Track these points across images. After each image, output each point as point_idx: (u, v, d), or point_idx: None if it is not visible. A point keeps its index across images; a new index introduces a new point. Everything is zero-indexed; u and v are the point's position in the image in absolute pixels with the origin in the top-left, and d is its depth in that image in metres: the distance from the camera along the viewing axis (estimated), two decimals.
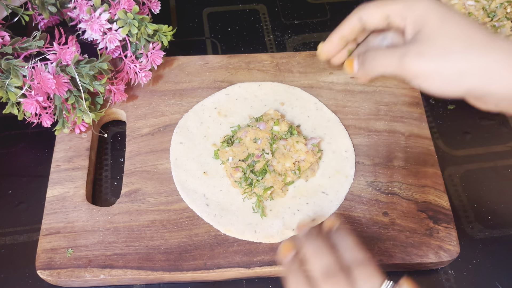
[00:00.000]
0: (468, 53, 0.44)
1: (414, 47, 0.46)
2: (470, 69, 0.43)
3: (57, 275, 0.49)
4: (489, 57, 0.43)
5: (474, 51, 0.44)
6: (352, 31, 0.52)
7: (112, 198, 0.56)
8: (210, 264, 0.50)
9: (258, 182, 0.53)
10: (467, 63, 0.43)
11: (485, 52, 0.43)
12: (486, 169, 0.60)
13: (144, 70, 0.58)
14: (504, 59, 0.42)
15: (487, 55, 0.43)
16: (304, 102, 0.60)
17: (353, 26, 0.52)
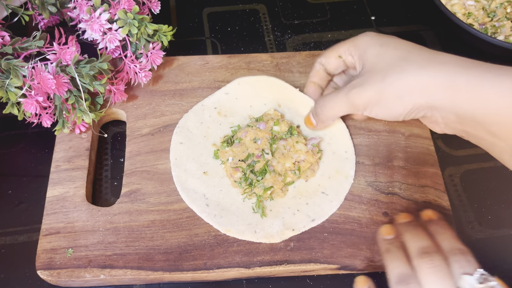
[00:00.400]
0: (404, 74, 0.45)
1: (356, 81, 0.49)
2: (408, 87, 0.44)
3: (57, 275, 0.49)
4: (424, 74, 0.44)
5: (410, 70, 0.45)
6: (319, 76, 0.57)
7: (112, 198, 0.56)
8: (210, 264, 0.50)
9: (258, 182, 0.53)
10: (404, 82, 0.45)
11: (420, 71, 0.44)
12: (486, 169, 0.60)
13: (144, 70, 0.58)
14: (439, 77, 0.43)
15: (422, 72, 0.44)
16: (302, 101, 0.60)
17: (317, 71, 0.57)
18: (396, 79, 0.45)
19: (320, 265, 0.50)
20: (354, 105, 0.48)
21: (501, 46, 0.62)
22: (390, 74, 0.45)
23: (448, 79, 0.42)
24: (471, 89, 0.41)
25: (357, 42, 0.51)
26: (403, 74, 0.45)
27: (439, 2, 0.66)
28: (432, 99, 0.44)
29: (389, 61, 0.46)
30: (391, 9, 0.76)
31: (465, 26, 0.63)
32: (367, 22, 0.74)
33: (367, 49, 0.49)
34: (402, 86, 0.45)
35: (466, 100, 0.42)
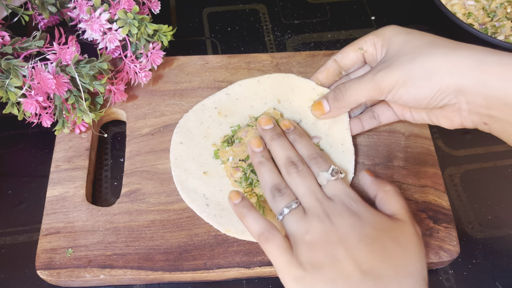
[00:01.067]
0: (433, 55, 0.45)
1: (383, 64, 0.48)
2: (438, 68, 0.45)
3: (57, 275, 0.49)
4: (454, 55, 0.44)
5: (439, 53, 0.45)
6: (328, 74, 0.56)
7: (112, 198, 0.56)
8: (210, 264, 0.50)
9: (258, 182, 0.53)
10: (433, 63, 0.45)
11: (450, 52, 0.45)
12: (486, 169, 0.60)
13: (144, 70, 0.58)
14: (469, 58, 0.44)
15: (452, 54, 0.45)
16: (302, 91, 0.59)
17: (328, 68, 0.56)
18: (426, 59, 0.45)
19: None
20: (380, 88, 0.48)
21: (501, 46, 0.62)
22: (419, 56, 0.46)
23: (478, 60, 0.43)
24: (502, 68, 0.42)
25: (382, 32, 0.51)
26: (432, 55, 0.45)
27: (439, 2, 0.66)
28: (460, 79, 0.44)
29: (418, 45, 0.47)
30: (391, 9, 0.76)
31: (465, 26, 0.63)
32: (367, 22, 0.74)
33: (393, 37, 0.49)
34: (431, 66, 0.45)
35: (496, 79, 0.42)
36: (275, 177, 0.48)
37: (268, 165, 0.49)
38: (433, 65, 0.45)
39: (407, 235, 0.43)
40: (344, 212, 0.44)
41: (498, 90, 0.42)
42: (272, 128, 0.52)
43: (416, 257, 0.42)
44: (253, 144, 0.51)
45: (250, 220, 0.45)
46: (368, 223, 0.43)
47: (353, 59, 0.54)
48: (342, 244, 0.42)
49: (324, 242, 0.42)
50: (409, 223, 0.44)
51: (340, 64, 0.55)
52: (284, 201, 0.46)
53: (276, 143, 0.50)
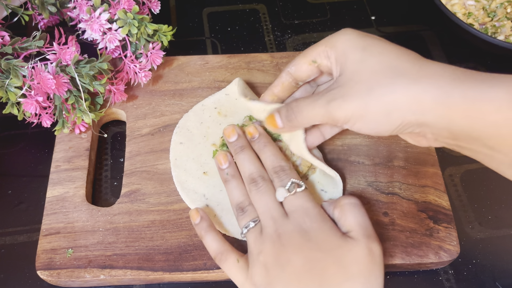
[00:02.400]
0: (393, 87, 0.40)
1: (337, 91, 0.43)
2: (398, 103, 0.40)
3: (57, 275, 0.49)
4: (416, 88, 0.39)
5: (399, 84, 0.40)
6: (283, 87, 0.51)
7: (112, 198, 0.56)
8: (210, 264, 0.50)
9: None
10: (393, 98, 0.40)
11: (412, 84, 0.39)
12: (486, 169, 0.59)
13: (144, 70, 0.58)
14: (433, 91, 0.39)
15: (414, 86, 0.39)
16: (256, 112, 0.55)
17: (283, 82, 0.51)
18: (384, 93, 0.40)
19: None
20: (334, 118, 0.43)
21: (501, 46, 0.62)
22: (376, 87, 0.40)
23: (442, 94, 0.38)
24: (467, 104, 0.38)
25: (334, 43, 0.45)
26: (391, 87, 0.40)
27: (439, 2, 0.66)
28: (423, 117, 0.39)
29: (374, 70, 0.41)
30: (391, 9, 0.76)
31: (465, 26, 0.63)
32: (367, 22, 0.74)
33: (347, 52, 0.44)
34: (390, 102, 0.40)
35: (461, 116, 0.38)
36: (240, 195, 0.49)
37: (233, 182, 0.50)
38: (393, 100, 0.40)
39: (355, 257, 0.42)
40: (294, 233, 0.44)
41: (463, 126, 0.38)
42: (236, 140, 0.52)
43: (361, 280, 0.41)
44: (218, 161, 0.52)
45: (208, 241, 0.48)
46: (316, 244, 0.43)
47: (307, 71, 0.48)
48: (288, 268, 0.42)
49: (274, 264, 0.43)
50: (361, 242, 0.42)
51: (295, 77, 0.50)
52: (245, 220, 0.47)
53: (240, 157, 0.50)
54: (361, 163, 0.57)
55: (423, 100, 0.39)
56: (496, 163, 0.40)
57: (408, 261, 0.50)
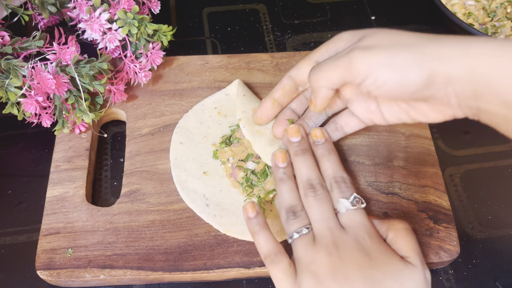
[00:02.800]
0: (420, 41, 0.41)
1: (360, 43, 0.42)
2: (427, 53, 0.40)
3: (57, 275, 0.49)
4: (441, 43, 0.40)
5: (426, 39, 0.41)
6: (284, 92, 0.51)
7: (112, 198, 0.56)
8: (210, 264, 0.50)
9: (259, 182, 0.53)
10: (422, 49, 0.40)
11: (436, 40, 0.40)
12: (486, 169, 0.60)
13: (144, 70, 0.58)
14: (455, 43, 0.40)
15: (439, 42, 0.40)
16: None
17: (283, 86, 0.51)
18: (413, 45, 0.40)
19: None
20: (355, 71, 0.41)
21: None
22: (404, 41, 0.41)
23: (464, 46, 0.39)
24: (486, 53, 0.38)
25: (338, 37, 0.46)
26: (420, 41, 0.40)
27: (439, 2, 0.66)
28: (450, 67, 0.39)
29: (400, 33, 0.42)
30: (391, 9, 0.76)
31: (465, 26, 0.63)
32: (367, 22, 0.74)
33: (356, 35, 0.44)
34: (419, 51, 0.40)
35: (484, 65, 0.39)
36: (293, 198, 0.46)
37: (289, 183, 0.47)
38: (422, 51, 0.40)
39: (415, 284, 0.41)
40: (354, 248, 0.42)
41: (486, 76, 0.39)
42: (299, 142, 0.49)
43: None
44: (278, 158, 0.49)
45: (260, 239, 0.44)
46: (377, 264, 0.41)
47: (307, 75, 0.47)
48: (346, 283, 0.40)
49: (329, 276, 0.41)
50: (420, 269, 0.42)
51: (296, 81, 0.50)
52: (296, 225, 0.45)
53: (300, 160, 0.48)
54: (361, 163, 0.57)
55: (448, 52, 0.39)
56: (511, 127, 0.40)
57: None
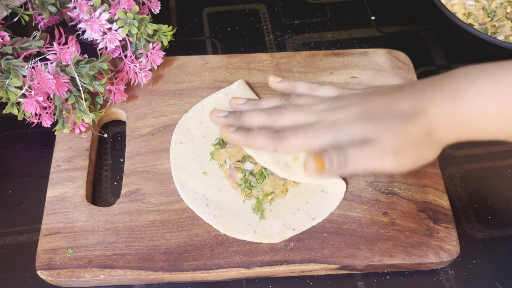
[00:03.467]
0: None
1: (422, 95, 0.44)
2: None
3: (57, 275, 0.49)
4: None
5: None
6: None
7: (112, 198, 0.56)
8: (210, 264, 0.50)
9: (258, 184, 0.53)
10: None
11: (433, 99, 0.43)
12: (486, 169, 0.60)
13: (144, 70, 0.58)
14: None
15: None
16: None
17: None
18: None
19: (320, 265, 0.50)
20: (426, 124, 0.43)
21: (501, 46, 0.62)
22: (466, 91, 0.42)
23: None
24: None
25: None
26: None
27: (439, 2, 0.66)
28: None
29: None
30: (391, 9, 0.76)
31: (465, 26, 0.63)
32: (367, 22, 0.74)
33: None
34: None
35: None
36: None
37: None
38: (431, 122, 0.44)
39: None
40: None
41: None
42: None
43: None
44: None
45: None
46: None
47: None
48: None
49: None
50: None
51: None
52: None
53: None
54: None
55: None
56: None
57: (408, 261, 0.50)
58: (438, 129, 0.42)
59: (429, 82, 0.44)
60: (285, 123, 0.47)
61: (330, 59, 0.64)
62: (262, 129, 0.48)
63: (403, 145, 0.42)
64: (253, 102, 0.52)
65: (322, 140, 0.45)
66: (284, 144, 0.46)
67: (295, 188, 0.54)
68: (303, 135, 0.45)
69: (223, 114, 0.51)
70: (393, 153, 0.42)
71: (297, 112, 0.47)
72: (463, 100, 0.41)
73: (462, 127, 0.42)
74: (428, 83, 0.44)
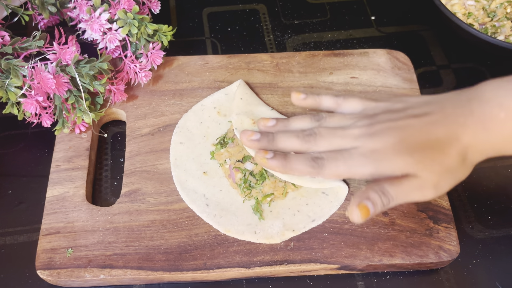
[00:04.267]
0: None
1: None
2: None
3: (57, 275, 0.49)
4: None
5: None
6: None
7: (112, 198, 0.56)
8: (210, 264, 0.50)
9: (257, 185, 0.53)
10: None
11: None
12: (486, 169, 0.60)
13: (144, 70, 0.58)
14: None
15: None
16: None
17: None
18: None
19: (320, 265, 0.50)
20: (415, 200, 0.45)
21: (501, 46, 0.62)
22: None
23: None
24: None
25: None
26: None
27: (439, 2, 0.66)
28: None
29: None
30: (391, 9, 0.76)
31: (465, 26, 0.63)
32: (367, 22, 0.74)
33: None
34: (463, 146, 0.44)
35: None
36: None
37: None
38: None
39: None
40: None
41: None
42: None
43: None
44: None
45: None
46: None
47: None
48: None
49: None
50: None
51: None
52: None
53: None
54: None
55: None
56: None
57: (408, 261, 0.50)
58: (471, 154, 0.44)
59: (458, 102, 0.45)
60: (321, 149, 0.47)
61: (330, 59, 0.64)
62: (300, 156, 0.47)
63: (442, 177, 0.44)
64: (283, 124, 0.51)
65: (363, 171, 0.45)
66: (324, 172, 0.46)
67: (296, 190, 0.54)
68: (343, 164, 0.45)
69: (256, 138, 0.49)
70: (433, 186, 0.44)
71: (332, 138, 0.47)
72: (493, 128, 0.43)
73: (493, 149, 0.44)
74: (457, 104, 0.45)
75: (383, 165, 0.44)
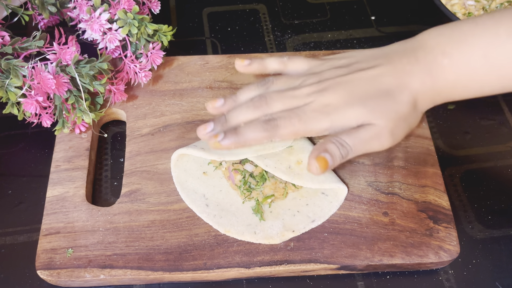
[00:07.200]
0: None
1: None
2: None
3: (57, 275, 0.49)
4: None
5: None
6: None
7: (112, 198, 0.56)
8: (210, 264, 0.50)
9: (258, 186, 0.53)
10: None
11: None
12: (486, 169, 0.60)
13: (144, 70, 0.58)
14: None
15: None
16: None
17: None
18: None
19: (320, 265, 0.50)
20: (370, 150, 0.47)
21: None
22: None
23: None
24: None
25: None
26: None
27: (439, 2, 0.66)
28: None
29: None
30: (391, 9, 0.76)
31: None
32: (367, 22, 0.74)
33: None
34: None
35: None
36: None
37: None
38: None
39: None
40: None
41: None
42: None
43: None
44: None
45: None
46: None
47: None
48: None
49: None
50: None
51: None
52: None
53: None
54: (361, 163, 0.57)
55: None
56: None
57: (408, 261, 0.50)
58: (421, 101, 0.46)
59: (403, 53, 0.47)
60: (274, 111, 0.46)
61: None
62: (251, 123, 0.45)
63: (397, 123, 0.45)
64: (232, 99, 0.49)
65: (319, 126, 0.45)
66: (280, 133, 0.45)
67: (296, 190, 0.54)
68: (298, 121, 0.45)
69: (210, 128, 0.47)
70: (389, 133, 0.45)
71: (283, 98, 0.46)
72: (438, 75, 0.45)
73: (440, 95, 0.46)
74: (403, 54, 0.46)
75: (337, 118, 0.44)
